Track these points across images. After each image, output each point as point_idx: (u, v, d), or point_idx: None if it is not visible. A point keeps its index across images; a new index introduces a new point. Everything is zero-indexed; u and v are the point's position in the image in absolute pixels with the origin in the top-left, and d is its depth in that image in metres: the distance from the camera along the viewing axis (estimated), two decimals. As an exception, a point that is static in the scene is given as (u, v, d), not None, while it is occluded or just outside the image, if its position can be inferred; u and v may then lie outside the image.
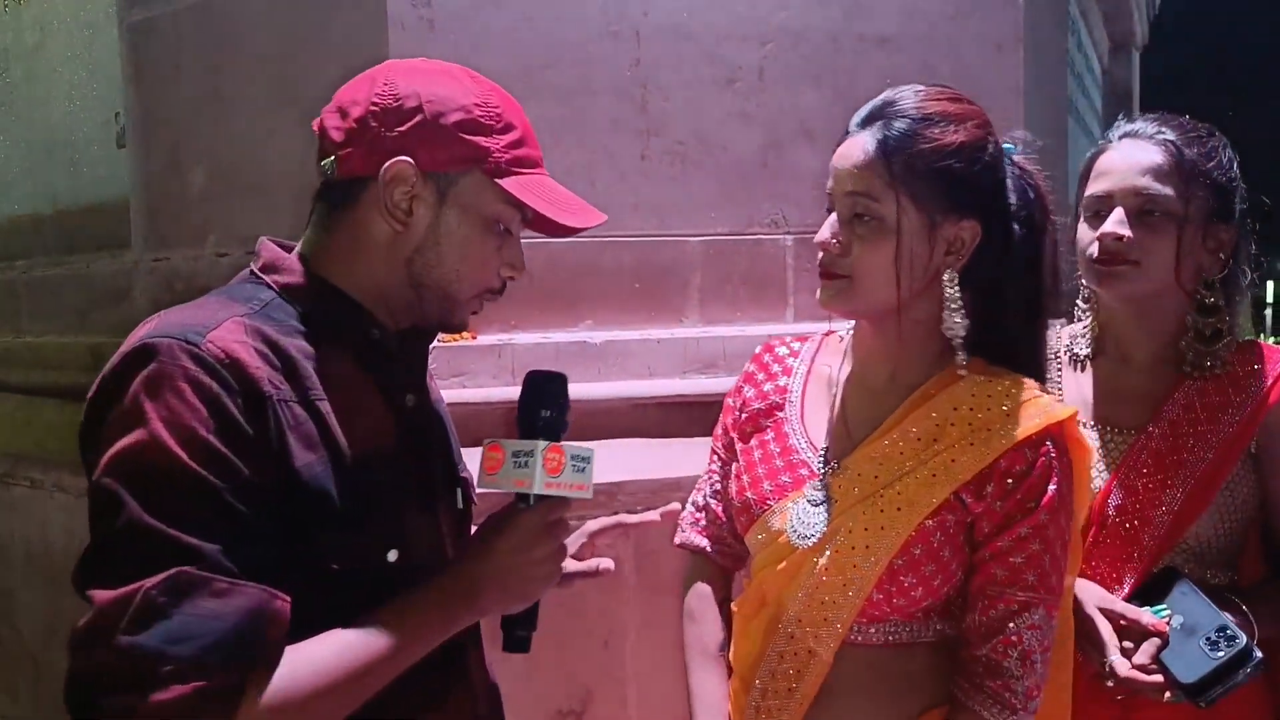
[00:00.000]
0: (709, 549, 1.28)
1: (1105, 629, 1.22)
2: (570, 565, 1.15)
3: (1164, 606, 1.23)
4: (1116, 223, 1.28)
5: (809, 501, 1.13)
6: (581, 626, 1.85)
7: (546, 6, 2.02)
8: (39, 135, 3.05)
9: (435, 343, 1.94)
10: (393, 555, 0.92)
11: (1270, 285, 9.94)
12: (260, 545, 0.82)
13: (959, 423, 1.08)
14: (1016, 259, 1.11)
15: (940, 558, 1.07)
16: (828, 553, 1.09)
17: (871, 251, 1.06)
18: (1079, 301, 1.43)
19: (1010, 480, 1.06)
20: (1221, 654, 1.15)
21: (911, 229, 1.06)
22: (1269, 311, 10.10)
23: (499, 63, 2.00)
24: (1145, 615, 1.22)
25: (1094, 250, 1.31)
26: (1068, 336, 1.43)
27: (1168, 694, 1.19)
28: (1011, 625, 1.05)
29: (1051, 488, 1.06)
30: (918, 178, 1.05)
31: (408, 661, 0.89)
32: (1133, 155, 1.30)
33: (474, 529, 1.03)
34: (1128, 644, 1.22)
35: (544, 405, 0.98)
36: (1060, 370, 1.41)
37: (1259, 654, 1.17)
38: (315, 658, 0.83)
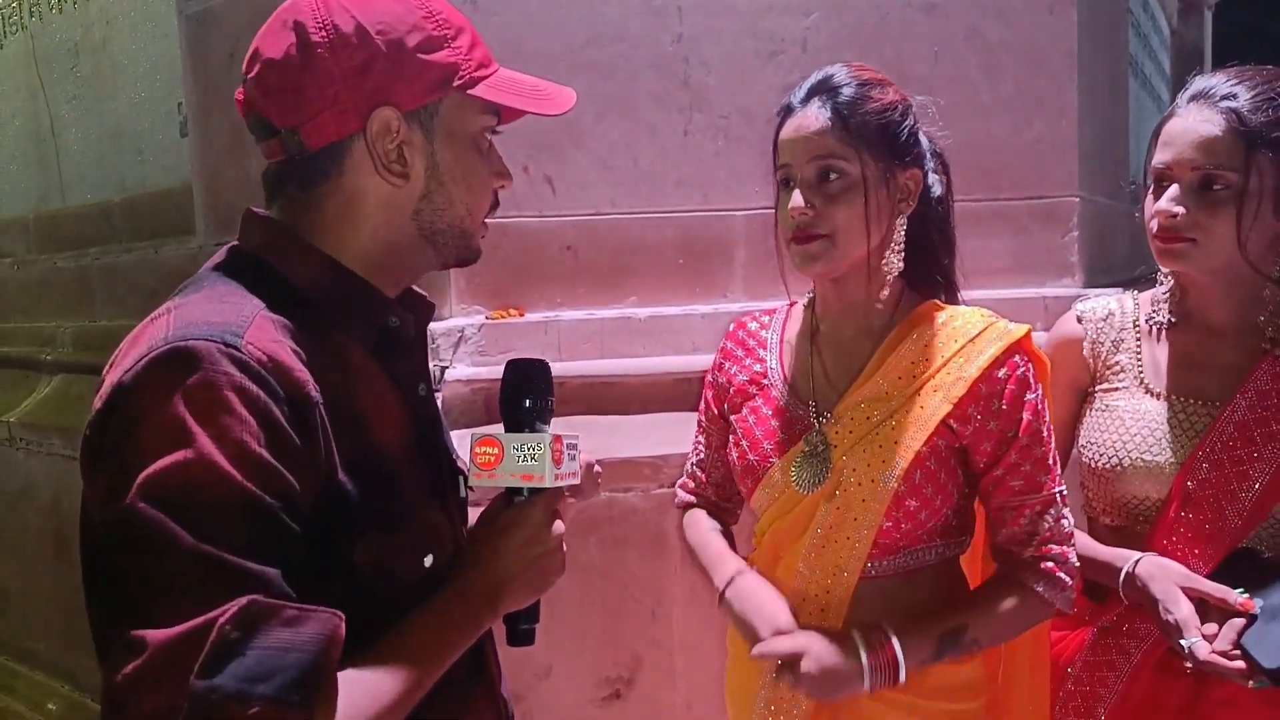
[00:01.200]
0: (696, 503, 1.41)
1: (1186, 608, 1.18)
2: None
3: (1243, 589, 1.19)
4: (1170, 200, 1.23)
5: (809, 452, 1.20)
6: (630, 597, 1.88)
7: (588, -16, 2.03)
8: (107, 126, 3.16)
9: (482, 320, 1.99)
10: (429, 561, 0.87)
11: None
12: (309, 563, 0.75)
13: (932, 357, 1.18)
14: (938, 211, 1.23)
15: (938, 479, 1.16)
16: (837, 494, 1.17)
17: (846, 206, 1.14)
18: (1160, 266, 1.34)
19: (995, 400, 1.16)
20: None
21: (874, 181, 1.15)
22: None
23: (542, 42, 2.03)
24: (1232, 595, 1.18)
25: (1154, 224, 1.26)
26: (1149, 303, 1.37)
27: (1251, 680, 1.14)
28: (1042, 524, 1.18)
29: (1030, 396, 1.17)
30: (871, 133, 1.15)
31: (441, 672, 0.84)
32: (1192, 125, 1.23)
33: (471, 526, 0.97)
34: (1210, 626, 1.17)
35: (529, 393, 0.93)
36: (1139, 339, 1.35)
37: None
38: (369, 682, 0.77)
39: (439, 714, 0.87)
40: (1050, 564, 1.18)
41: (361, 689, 0.76)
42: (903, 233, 1.19)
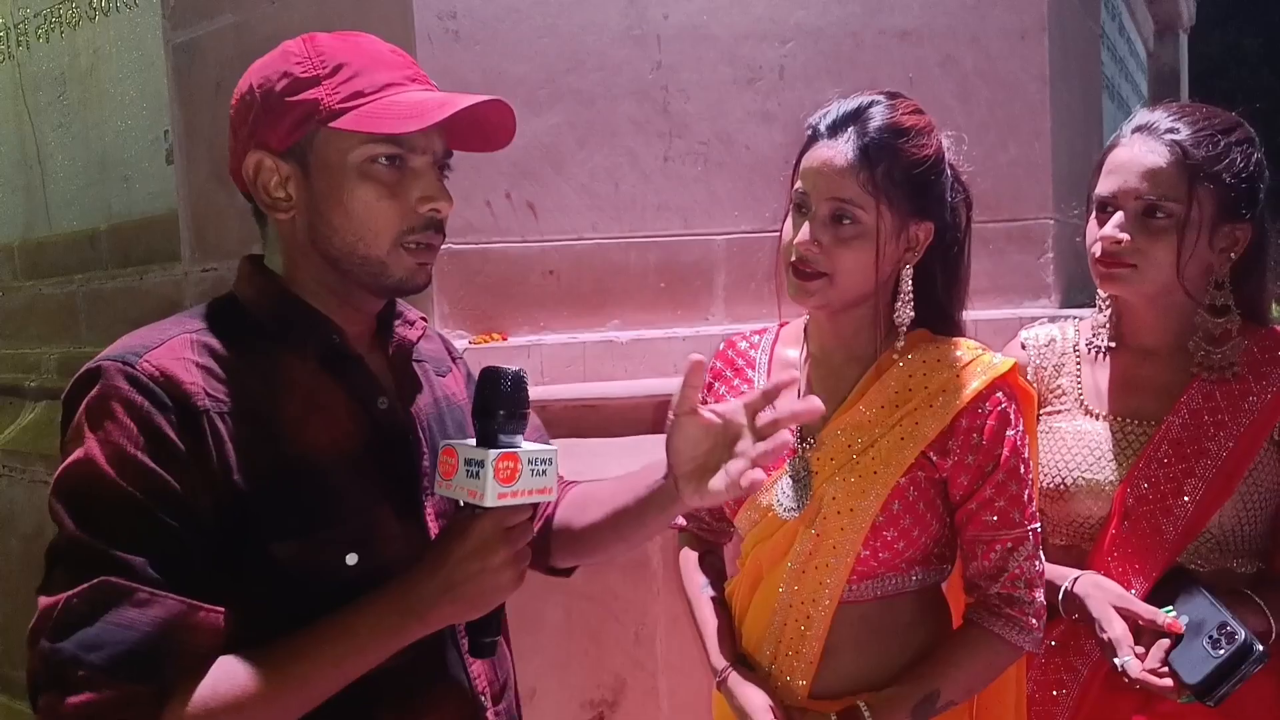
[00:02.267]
0: (686, 524, 1.41)
1: (1120, 627, 1.22)
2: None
3: (1171, 608, 1.23)
4: (1115, 226, 1.28)
5: (791, 477, 1.20)
6: (613, 619, 1.89)
7: (568, 14, 2.07)
8: (94, 154, 3.18)
9: (465, 344, 2.01)
10: (352, 559, 0.90)
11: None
12: (199, 556, 0.83)
13: (916, 389, 1.17)
14: (950, 250, 1.22)
15: (916, 511, 1.16)
16: (815, 521, 1.17)
17: (853, 253, 1.13)
18: (1099, 292, 1.41)
19: (975, 435, 1.15)
20: (1222, 651, 1.16)
21: (887, 232, 1.14)
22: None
23: (523, 70, 2.06)
24: (1160, 615, 1.22)
25: (1096, 249, 1.31)
26: (1089, 329, 1.42)
27: (1180, 696, 1.20)
28: (1012, 561, 1.18)
29: (1011, 432, 1.17)
30: (895, 186, 1.13)
31: (354, 672, 0.87)
32: (1138, 155, 1.28)
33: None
34: (1139, 648, 1.22)
35: (498, 405, 0.91)
36: (1079, 363, 1.40)
37: (1260, 648, 1.16)
38: (241, 669, 0.83)
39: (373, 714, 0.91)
40: (1017, 609, 1.18)
41: (229, 672, 0.82)
42: (910, 284, 1.18)
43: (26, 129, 3.46)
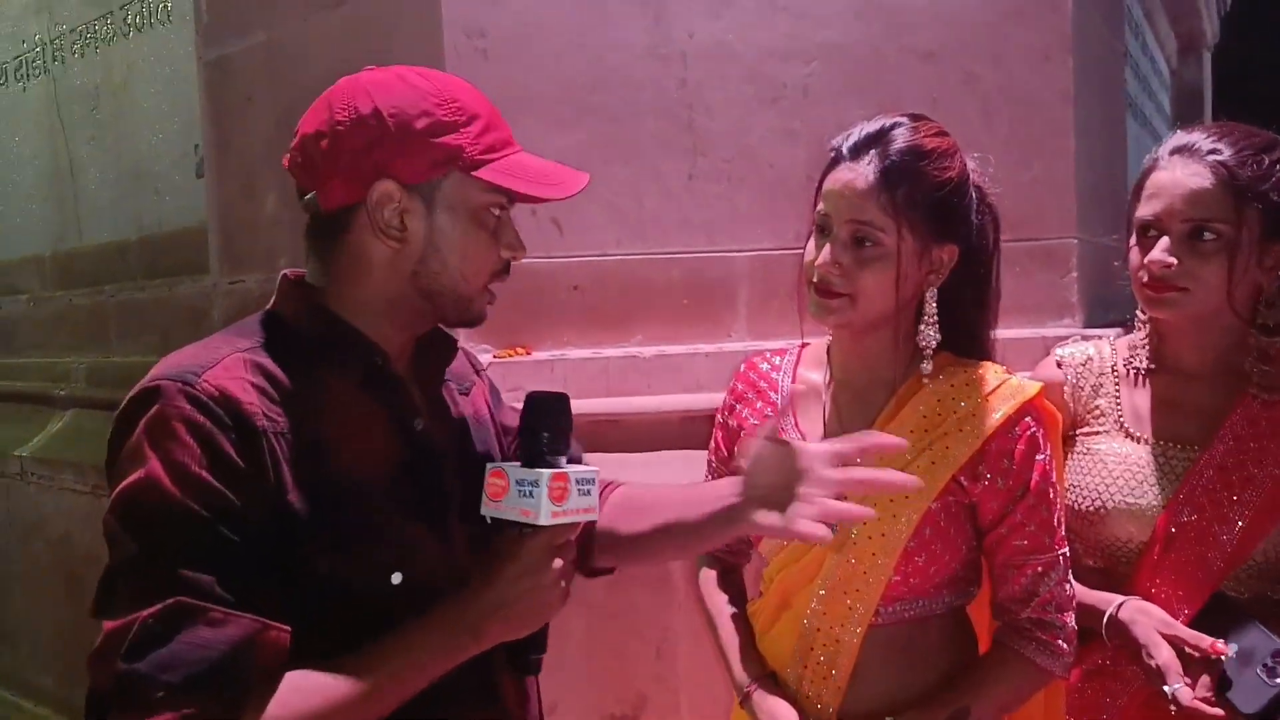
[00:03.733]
0: None
1: (1168, 653, 1.20)
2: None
3: (1221, 640, 1.21)
4: (1163, 250, 1.26)
5: None
6: (635, 634, 1.89)
7: (594, 32, 2.09)
8: (126, 167, 3.23)
9: (490, 359, 2.03)
10: (397, 578, 0.92)
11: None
12: (257, 574, 0.85)
13: (946, 413, 1.17)
14: (977, 271, 1.22)
15: (947, 536, 1.17)
16: (846, 545, 1.17)
17: (874, 275, 1.14)
18: (1138, 313, 1.39)
19: (1005, 460, 1.16)
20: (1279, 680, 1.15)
21: (908, 254, 1.14)
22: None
23: (549, 88, 2.09)
24: (1205, 640, 1.21)
25: (1144, 275, 1.29)
26: (1126, 349, 1.40)
27: None
28: (1043, 585, 1.18)
29: (1040, 457, 1.17)
30: (917, 209, 1.13)
31: (410, 691, 0.89)
32: (1182, 178, 1.26)
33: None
34: (1187, 679, 1.19)
35: (544, 428, 0.95)
36: (1118, 384, 1.38)
37: None
38: (311, 686, 0.84)
39: None
40: (1047, 633, 1.18)
41: (299, 690, 0.84)
42: (934, 306, 1.18)
43: (60, 142, 3.53)
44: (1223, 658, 1.20)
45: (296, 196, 0.99)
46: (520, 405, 1.00)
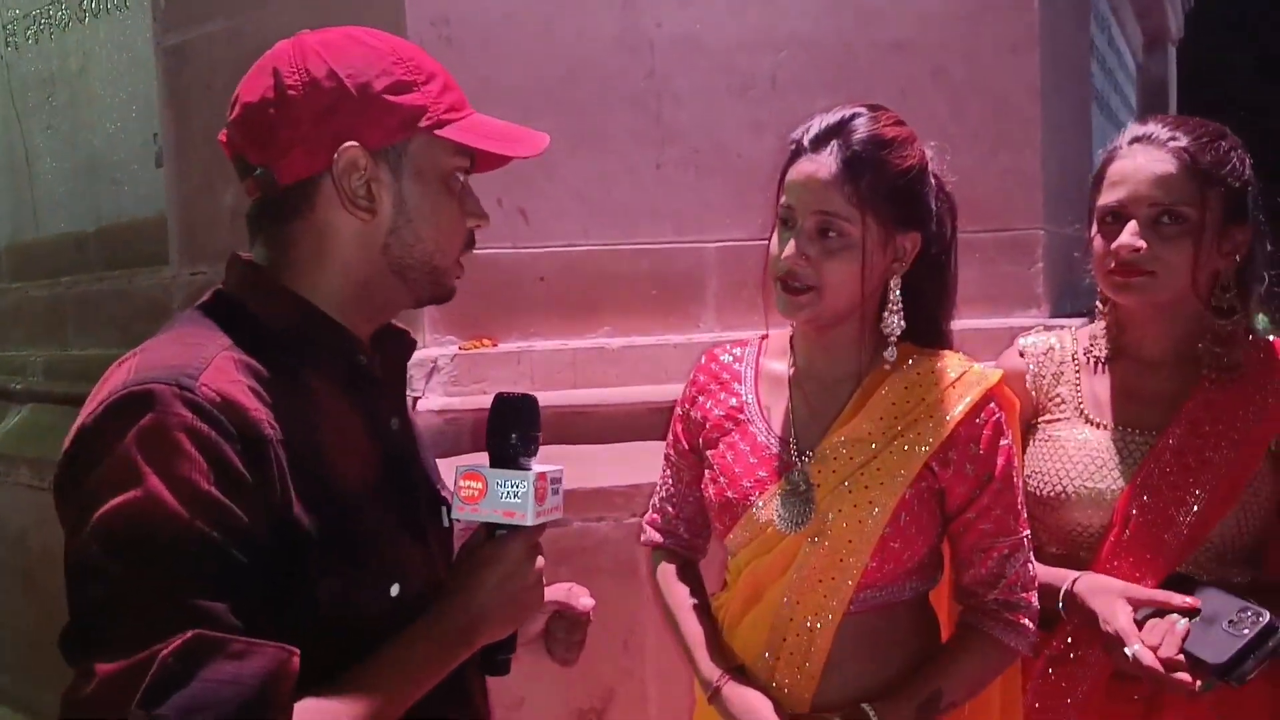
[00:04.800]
0: (665, 542, 1.39)
1: (1125, 618, 1.21)
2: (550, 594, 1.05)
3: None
4: (1131, 234, 1.28)
5: (790, 491, 1.20)
6: (602, 627, 1.87)
7: (562, 22, 2.07)
8: (82, 156, 3.16)
9: (455, 350, 2.00)
10: (395, 590, 0.87)
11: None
12: (260, 596, 0.77)
13: (914, 400, 1.19)
14: (938, 259, 1.23)
15: (920, 521, 1.18)
16: (821, 534, 1.17)
17: (840, 265, 1.14)
18: (1097, 303, 1.42)
19: (973, 445, 1.18)
20: (1247, 630, 1.16)
21: (873, 244, 1.14)
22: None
23: (516, 79, 2.06)
24: (1176, 597, 1.22)
25: (1110, 261, 1.31)
26: (1086, 338, 1.42)
27: (1199, 683, 1.17)
28: (1009, 567, 1.20)
29: (1004, 442, 1.20)
30: (880, 198, 1.13)
31: (410, 702, 0.85)
32: (1146, 164, 1.29)
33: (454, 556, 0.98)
34: (1151, 635, 1.20)
35: (513, 429, 0.93)
36: (1078, 372, 1.40)
37: None
38: (325, 711, 0.78)
39: None
40: (1014, 613, 1.20)
41: (318, 716, 0.77)
42: (898, 294, 1.19)
43: (15, 131, 3.44)
44: (1187, 620, 1.20)
45: (239, 177, 0.90)
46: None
